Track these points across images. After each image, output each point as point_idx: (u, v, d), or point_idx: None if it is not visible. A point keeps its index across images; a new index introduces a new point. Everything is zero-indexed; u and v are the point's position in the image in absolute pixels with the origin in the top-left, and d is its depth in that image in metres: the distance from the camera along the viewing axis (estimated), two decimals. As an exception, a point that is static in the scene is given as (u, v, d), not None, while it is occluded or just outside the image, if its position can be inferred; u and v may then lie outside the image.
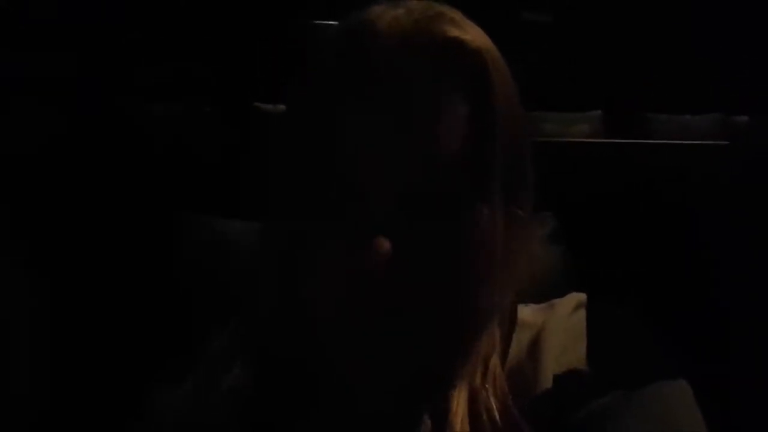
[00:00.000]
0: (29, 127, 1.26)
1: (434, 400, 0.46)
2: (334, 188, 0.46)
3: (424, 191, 0.45)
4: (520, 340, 0.51)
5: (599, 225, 0.99)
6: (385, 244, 0.43)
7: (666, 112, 2.67)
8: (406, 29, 0.46)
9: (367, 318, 0.45)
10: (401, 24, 0.46)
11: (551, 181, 0.53)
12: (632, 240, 0.98)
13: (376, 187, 0.45)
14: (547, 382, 0.47)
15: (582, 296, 0.53)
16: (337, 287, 0.46)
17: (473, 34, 0.48)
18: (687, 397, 0.48)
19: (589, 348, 0.49)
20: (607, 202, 1.03)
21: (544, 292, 0.53)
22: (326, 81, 0.48)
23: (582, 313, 0.51)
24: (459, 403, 0.46)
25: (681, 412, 0.47)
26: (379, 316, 0.45)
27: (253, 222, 0.87)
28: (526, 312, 0.53)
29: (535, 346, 0.50)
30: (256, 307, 0.54)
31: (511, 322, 0.52)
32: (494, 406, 0.46)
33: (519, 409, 0.46)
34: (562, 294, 0.54)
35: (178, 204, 1.07)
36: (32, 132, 1.24)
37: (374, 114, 0.45)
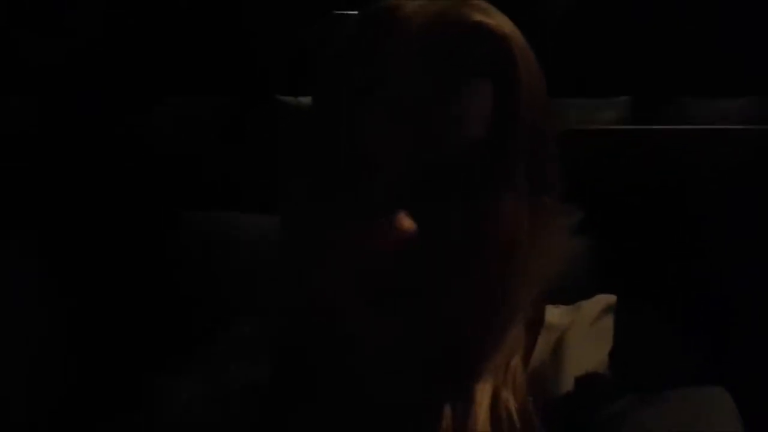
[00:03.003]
0: (31, 125, 1.27)
1: (457, 393, 0.48)
2: (354, 169, 0.48)
3: (445, 172, 0.47)
4: (543, 342, 0.52)
5: (629, 219, 0.96)
6: (406, 222, 0.45)
7: (698, 95, 2.62)
8: (430, 13, 0.49)
9: (385, 302, 0.47)
10: (426, 9, 0.49)
11: (576, 173, 0.53)
12: (665, 234, 0.95)
13: (397, 167, 0.47)
14: (568, 385, 0.49)
15: (611, 298, 0.54)
16: (356, 269, 0.48)
17: (498, 20, 0.50)
18: (722, 404, 0.48)
19: (615, 352, 0.50)
20: (637, 195, 1.01)
21: (569, 288, 0.53)
22: (349, 62, 0.50)
23: (610, 317, 0.52)
24: (483, 398, 0.47)
25: (713, 418, 0.47)
26: (398, 299, 0.47)
27: (265, 216, 0.90)
28: (554, 313, 0.54)
29: (558, 348, 0.51)
30: (272, 297, 0.56)
31: (537, 324, 0.53)
32: (513, 407, 0.47)
33: (538, 412, 0.48)
34: (587, 291, 0.55)
35: (187, 200, 1.11)
36: (34, 129, 1.25)
37: (396, 94, 0.47)
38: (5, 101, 1.32)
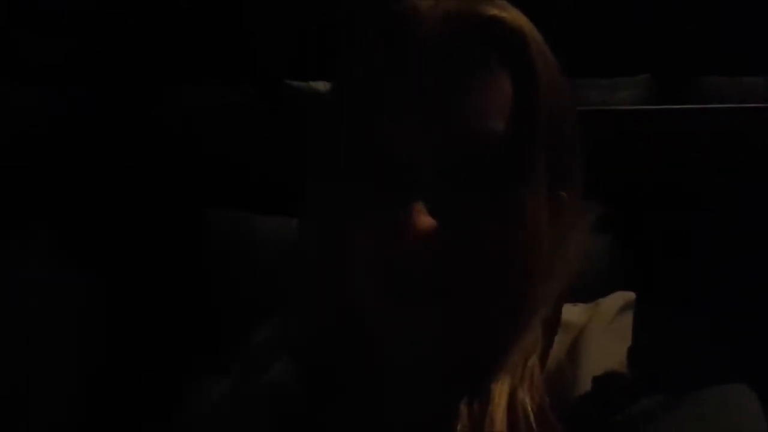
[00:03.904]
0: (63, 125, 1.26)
1: (474, 393, 0.47)
2: (375, 164, 0.48)
3: (465, 167, 0.47)
4: (561, 341, 0.51)
5: (650, 209, 0.93)
6: (423, 217, 0.45)
7: (722, 74, 2.54)
8: (447, 9, 0.49)
9: (405, 300, 0.47)
10: (442, 6, 0.50)
11: (596, 155, 0.50)
12: (689, 225, 0.91)
13: (417, 162, 0.47)
14: (586, 385, 0.48)
15: (630, 295, 0.52)
16: (377, 267, 0.48)
17: (513, 15, 0.50)
18: (747, 403, 0.46)
19: (634, 351, 0.48)
20: (658, 178, 0.97)
21: (588, 286, 0.52)
22: (368, 57, 0.50)
23: (629, 315, 0.51)
24: (501, 397, 0.46)
25: (737, 417, 0.45)
26: (419, 297, 0.47)
27: (288, 218, 0.90)
28: (572, 312, 0.53)
29: (575, 347, 0.50)
30: (297, 298, 0.56)
31: (554, 323, 0.52)
32: (530, 407, 0.46)
33: (555, 412, 0.46)
34: (608, 289, 0.53)
35: (216, 201, 1.09)
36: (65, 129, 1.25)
37: (415, 90, 0.47)
38: (17, 101, 1.31)
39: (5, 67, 1.44)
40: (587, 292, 0.52)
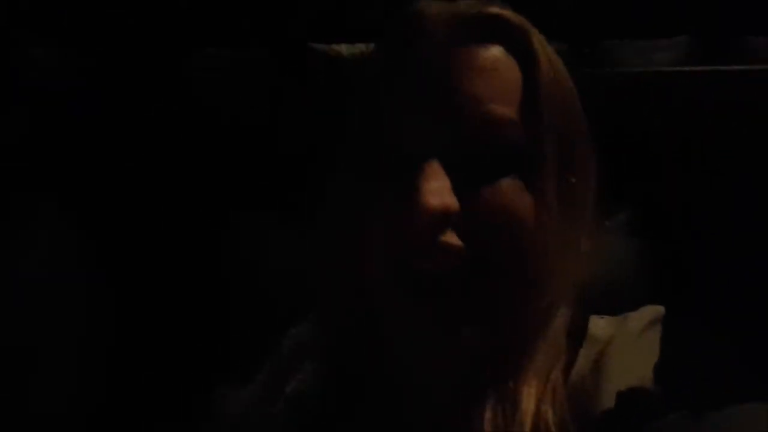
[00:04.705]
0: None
1: (501, 396, 0.48)
2: (387, 161, 0.50)
3: (477, 160, 0.49)
4: (586, 355, 0.52)
5: (680, 210, 0.85)
6: (435, 196, 0.47)
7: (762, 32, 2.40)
8: (454, 10, 0.54)
9: (421, 298, 0.48)
10: (448, 8, 0.54)
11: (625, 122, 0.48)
12: (730, 218, 0.83)
13: (428, 157, 0.48)
14: (609, 400, 0.48)
15: (659, 309, 0.54)
16: (391, 265, 0.49)
17: (514, 13, 0.54)
18: None
19: (661, 366, 0.48)
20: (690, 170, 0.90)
21: (615, 293, 0.52)
22: (379, 54, 0.55)
23: (657, 329, 0.52)
24: (529, 403, 0.48)
25: None
26: (432, 295, 0.48)
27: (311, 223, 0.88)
28: (599, 325, 0.54)
29: (600, 361, 0.51)
30: (316, 298, 0.58)
31: (579, 335, 0.52)
32: (551, 421, 0.47)
33: (577, 427, 0.47)
34: (636, 297, 0.54)
35: (244, 203, 1.13)
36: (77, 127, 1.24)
37: (426, 84, 0.50)
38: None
39: (5, 67, 1.45)
40: (616, 300, 0.52)
